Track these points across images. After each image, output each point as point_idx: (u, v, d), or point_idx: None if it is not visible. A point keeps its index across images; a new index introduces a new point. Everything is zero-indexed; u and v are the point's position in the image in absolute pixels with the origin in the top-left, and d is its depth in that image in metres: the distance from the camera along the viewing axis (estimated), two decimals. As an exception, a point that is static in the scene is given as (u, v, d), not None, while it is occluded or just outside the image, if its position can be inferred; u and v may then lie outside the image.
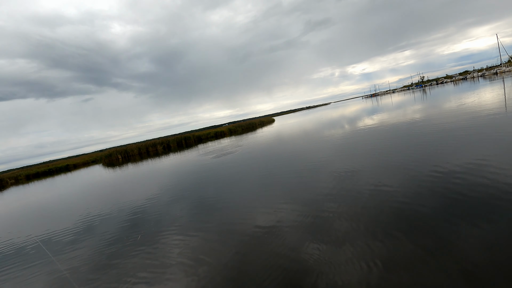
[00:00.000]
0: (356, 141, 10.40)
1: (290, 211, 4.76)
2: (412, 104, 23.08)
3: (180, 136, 41.48)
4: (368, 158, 7.29)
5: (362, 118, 20.04)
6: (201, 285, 3.11)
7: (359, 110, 33.05)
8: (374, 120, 16.63)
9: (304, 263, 3.12)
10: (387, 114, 18.86)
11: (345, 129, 15.24)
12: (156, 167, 16.62)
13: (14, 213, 11.17)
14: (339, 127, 16.79)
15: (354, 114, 26.62)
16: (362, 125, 15.02)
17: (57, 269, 4.37)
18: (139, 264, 3.91)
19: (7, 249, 5.96)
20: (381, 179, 5.35)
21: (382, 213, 3.95)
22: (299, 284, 2.77)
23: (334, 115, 33.77)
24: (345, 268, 2.86)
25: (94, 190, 12.61)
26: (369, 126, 14.03)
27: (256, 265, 3.29)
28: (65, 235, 6.13)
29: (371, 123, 15.25)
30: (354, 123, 17.26)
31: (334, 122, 22.40)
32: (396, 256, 2.89)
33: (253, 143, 18.06)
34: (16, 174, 37.42)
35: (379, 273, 2.68)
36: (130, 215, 6.58)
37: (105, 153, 38.32)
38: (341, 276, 2.75)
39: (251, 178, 7.95)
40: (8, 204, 14.41)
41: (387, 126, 12.34)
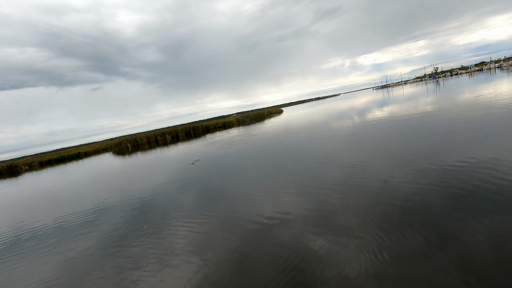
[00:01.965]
0: (365, 133, 10.27)
1: (297, 202, 4.78)
2: (424, 96, 22.55)
3: (189, 126, 41.72)
4: (376, 150, 7.21)
5: (372, 110, 19.71)
6: (205, 273, 3.19)
7: (369, 101, 32.49)
8: (384, 112, 16.35)
9: (310, 253, 3.15)
10: (398, 106, 18.50)
11: (354, 121, 15.05)
12: (164, 156, 16.83)
13: (29, 198, 11.54)
14: (348, 119, 16.58)
15: (363, 106, 26.20)
16: (372, 117, 14.79)
17: (65, 254, 4.53)
18: (143, 254, 4.01)
19: (22, 233, 6.19)
20: (389, 172, 5.30)
21: (389, 206, 3.93)
22: (304, 273, 2.80)
23: (343, 106, 33.31)
24: (350, 259, 2.88)
25: (104, 178, 12.88)
26: (379, 118, 13.81)
27: (261, 255, 3.34)
28: (74, 221, 6.32)
29: (381, 115, 15.00)
30: (363, 115, 17.01)
31: (343, 113, 22.12)
32: (403, 248, 2.89)
33: (260, 134, 18.04)
34: (30, 161, 38.47)
35: (385, 264, 2.70)
36: (138, 203, 6.72)
37: (115, 141, 38.94)
38: (346, 266, 2.78)
39: (257, 169, 7.98)
40: (23, 190, 14.89)
41: (398, 119, 12.12)
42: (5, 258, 4.89)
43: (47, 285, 3.66)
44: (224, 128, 37.97)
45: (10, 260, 4.76)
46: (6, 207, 10.51)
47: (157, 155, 18.62)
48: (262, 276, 2.92)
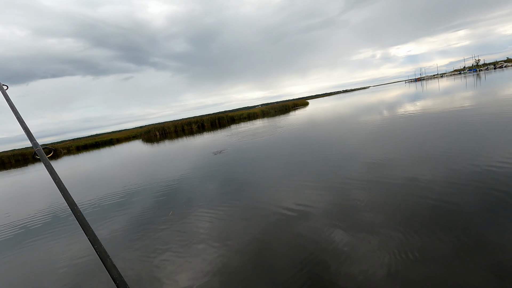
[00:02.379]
0: (394, 128, 9.84)
1: (319, 195, 4.72)
2: (462, 90, 21.06)
3: (214, 116, 42.35)
4: (405, 147, 6.89)
5: (403, 104, 18.77)
6: (226, 258, 3.27)
7: (400, 95, 30.96)
8: (416, 106, 15.51)
9: (330, 247, 3.11)
10: (431, 100, 17.46)
11: (383, 115, 14.44)
12: (190, 145, 17.30)
13: (67, 180, 12.44)
14: (376, 113, 15.93)
15: (394, 100, 25.01)
16: (402, 112, 14.10)
17: (98, 232, 4.85)
18: (168, 239, 4.18)
19: (60, 211, 6.70)
20: (419, 170, 5.05)
21: (416, 205, 3.76)
22: (323, 266, 2.78)
23: (372, 100, 32.02)
24: (372, 257, 2.81)
25: (134, 163, 13.52)
26: (410, 113, 13.14)
27: (281, 246, 3.35)
28: (107, 202, 6.71)
29: (413, 110, 14.25)
30: (393, 109, 16.26)
31: (371, 107, 21.28)
32: (429, 250, 2.77)
33: (285, 126, 17.90)
34: (68, 145, 41.23)
35: (411, 264, 2.60)
36: (165, 189, 6.99)
37: (144, 129, 40.55)
38: (369, 263, 2.71)
39: (280, 161, 7.96)
40: (61, 172, 16.08)
41: (431, 114, 11.46)
42: (46, 233, 5.33)
43: (81, 260, 3.96)
44: (249, 119, 38.10)
45: (50, 235, 5.19)
46: (47, 187, 11.42)
47: (183, 144, 19.17)
48: (281, 267, 2.94)
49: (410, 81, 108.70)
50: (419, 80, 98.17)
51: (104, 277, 3.37)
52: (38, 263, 4.15)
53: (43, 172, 17.55)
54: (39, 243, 4.89)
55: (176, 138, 25.21)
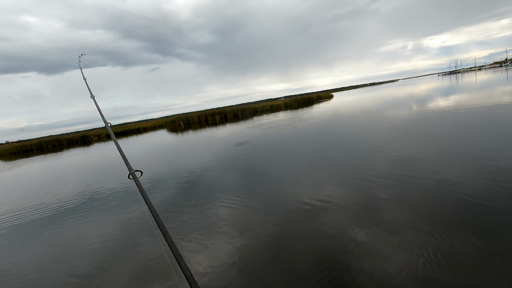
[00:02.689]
0: (423, 124, 9.38)
1: (340, 191, 4.65)
2: (502, 84, 19.55)
3: (237, 107, 42.58)
4: (434, 144, 6.56)
5: (434, 98, 17.77)
6: (245, 248, 3.33)
7: (432, 89, 29.31)
8: (448, 101, 14.64)
9: (348, 244, 3.07)
10: (466, 95, 16.38)
11: (411, 110, 13.77)
12: (212, 136, 17.58)
13: (97, 165, 13.18)
14: (404, 108, 15.23)
15: (425, 94, 23.73)
16: (433, 107, 13.37)
17: (125, 215, 5.11)
18: (189, 226, 4.32)
19: (91, 195, 7.13)
20: (446, 169, 4.80)
21: (443, 205, 3.59)
22: (342, 263, 2.76)
23: (401, 93, 30.60)
24: (394, 256, 2.73)
25: (160, 152, 14.00)
26: (441, 108, 12.44)
27: (298, 240, 3.36)
28: (133, 188, 7.02)
29: (444, 105, 13.47)
30: (423, 104, 15.46)
31: (400, 101, 20.35)
32: (454, 252, 2.65)
33: (308, 119, 17.64)
34: (99, 132, 43.40)
35: (432, 266, 2.51)
36: (188, 177, 7.19)
37: (169, 119, 41.71)
38: (390, 262, 2.65)
39: (301, 154, 7.90)
40: (93, 157, 17.04)
41: (464, 110, 10.77)
42: (78, 214, 5.70)
43: (109, 242, 4.20)
44: (271, 111, 37.93)
45: (81, 216, 5.54)
46: (80, 171, 12.16)
47: (206, 134, 19.53)
48: (299, 260, 2.95)
49: (444, 74, 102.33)
50: (453, 73, 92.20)
51: (129, 257, 3.58)
52: (72, 241, 4.47)
53: (76, 157, 18.67)
54: (73, 222, 5.25)
55: (200, 129, 25.72)
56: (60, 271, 3.58)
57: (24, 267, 3.86)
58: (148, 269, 3.26)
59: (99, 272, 3.39)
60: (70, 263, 3.75)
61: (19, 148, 36.28)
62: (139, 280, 3.08)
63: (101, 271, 3.41)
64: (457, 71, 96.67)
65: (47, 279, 3.44)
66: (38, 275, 3.57)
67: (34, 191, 9.17)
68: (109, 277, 3.24)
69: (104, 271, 3.38)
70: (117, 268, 3.41)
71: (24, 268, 3.82)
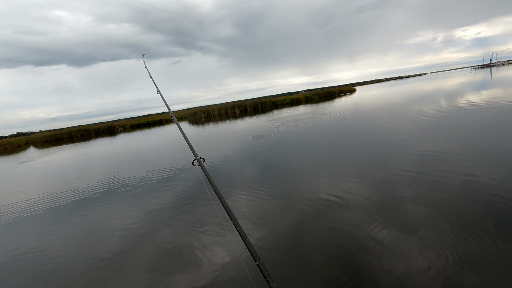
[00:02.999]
0: (451, 120, 8.92)
1: (360, 188, 4.56)
2: (543, 79, 18.09)
3: (257, 100, 42.53)
4: (464, 141, 6.24)
5: (465, 93, 16.79)
6: (260, 241, 3.37)
7: (463, 83, 27.70)
8: (481, 96, 13.78)
9: (364, 242, 3.02)
10: (501, 90, 15.34)
11: (439, 105, 13.12)
12: (233, 128, 17.74)
13: (123, 154, 13.74)
14: (431, 103, 14.53)
15: (455, 88, 22.48)
16: (463, 102, 12.66)
17: (147, 203, 5.32)
18: (207, 215, 4.42)
19: (116, 183, 7.46)
20: (476, 168, 4.56)
21: (470, 205, 3.43)
22: (359, 262, 2.72)
23: (429, 88, 29.16)
24: (412, 257, 2.66)
25: (180, 143, 14.32)
26: (473, 103, 11.75)
27: (315, 236, 3.35)
28: (156, 177, 7.27)
29: (476, 100, 12.70)
30: (452, 99, 14.67)
31: (427, 96, 19.42)
32: (480, 256, 2.53)
33: (328, 113, 17.31)
34: (124, 123, 45.06)
35: (456, 269, 2.42)
36: (207, 168, 7.32)
37: (191, 111, 42.46)
38: (406, 263, 2.58)
39: (321, 149, 7.80)
40: (118, 147, 17.76)
41: (498, 106, 10.12)
42: (104, 200, 6.00)
43: (132, 226, 4.41)
44: (292, 105, 37.55)
45: (107, 202, 5.83)
46: (107, 160, 12.74)
47: (226, 127, 19.73)
48: (316, 255, 2.95)
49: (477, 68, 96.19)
50: (488, 66, 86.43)
51: (152, 240, 3.74)
52: (99, 225, 4.73)
53: (103, 146, 19.54)
54: (101, 208, 5.54)
55: (220, 121, 26.00)
56: (88, 252, 3.81)
57: (55, 247, 4.14)
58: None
59: (124, 255, 3.57)
60: (98, 245, 3.98)
61: (51, 136, 38.48)
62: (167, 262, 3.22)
63: (125, 253, 3.59)
64: (492, 64, 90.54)
65: (76, 260, 3.68)
66: (68, 256, 3.82)
67: (66, 177, 9.74)
68: (131, 259, 3.41)
69: (129, 253, 3.56)
70: (144, 249, 3.58)
71: (55, 248, 4.11)
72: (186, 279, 2.89)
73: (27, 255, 4.04)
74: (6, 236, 4.94)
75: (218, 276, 2.84)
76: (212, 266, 3.03)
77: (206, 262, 3.13)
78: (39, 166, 14.04)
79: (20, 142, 37.54)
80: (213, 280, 2.79)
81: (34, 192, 7.85)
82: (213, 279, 2.81)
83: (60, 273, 3.44)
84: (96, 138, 29.54)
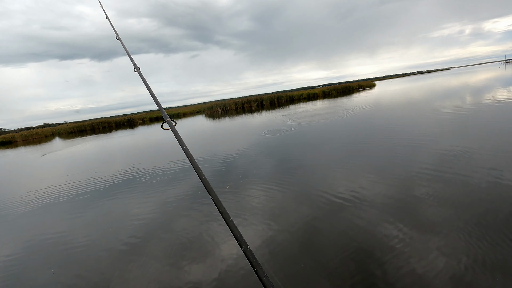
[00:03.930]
0: (478, 117, 8.51)
1: (375, 185, 4.47)
2: None
3: (273, 95, 42.31)
4: (491, 140, 5.95)
5: (494, 89, 15.92)
6: (274, 235, 3.40)
7: (491, 78, 26.25)
8: (510, 93, 13.05)
9: (380, 241, 2.97)
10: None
11: (465, 101, 12.53)
12: (249, 123, 17.78)
13: (142, 146, 14.15)
14: (456, 99, 13.90)
15: (482, 84, 21.36)
16: (491, 98, 12.02)
17: (163, 194, 5.47)
18: (225, 206, 4.49)
19: (135, 174, 7.70)
20: (503, 168, 4.36)
21: (494, 208, 3.29)
22: (374, 261, 2.69)
23: (454, 83, 27.87)
24: (429, 258, 2.59)
25: (198, 136, 14.55)
26: (501, 100, 11.14)
27: (330, 233, 3.33)
28: (172, 169, 7.45)
29: (506, 96, 12.03)
30: (479, 95, 13.95)
31: (452, 92, 18.58)
32: (502, 262, 2.44)
33: (347, 108, 16.97)
34: (143, 116, 46.20)
35: (472, 273, 2.34)
36: (224, 162, 7.42)
37: (208, 105, 42.92)
38: (421, 264, 2.52)
39: (338, 145, 7.69)
40: (138, 139, 18.29)
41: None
42: (124, 189, 6.23)
43: (148, 216, 4.56)
44: (309, 99, 37.09)
45: (127, 191, 6.05)
46: (127, 151, 13.16)
47: (242, 121, 19.80)
48: (328, 252, 2.94)
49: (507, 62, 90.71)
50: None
51: (169, 229, 3.86)
52: (117, 214, 4.93)
53: (124, 138, 20.18)
54: (119, 197, 5.76)
55: (236, 115, 26.13)
56: (108, 239, 3.99)
57: (78, 232, 4.36)
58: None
59: (141, 243, 3.71)
60: (119, 233, 4.15)
61: (75, 128, 40.16)
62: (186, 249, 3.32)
63: (143, 242, 3.73)
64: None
65: (93, 247, 3.86)
66: (89, 242, 4.01)
67: (90, 167, 10.17)
68: (148, 246, 3.54)
69: (147, 241, 3.70)
70: (161, 238, 3.71)
71: (78, 233, 4.32)
72: (200, 268, 2.97)
73: (52, 239, 4.29)
74: (34, 221, 5.25)
75: (230, 265, 2.90)
76: (223, 256, 3.09)
77: (217, 252, 3.20)
78: (67, 155, 14.71)
79: (47, 133, 39.45)
80: (224, 270, 2.85)
81: (61, 180, 8.26)
82: (226, 268, 2.87)
83: (81, 257, 3.62)
84: (117, 130, 30.51)
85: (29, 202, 6.46)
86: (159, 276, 2.95)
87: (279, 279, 2.61)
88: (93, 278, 3.12)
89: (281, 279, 2.61)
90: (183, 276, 2.88)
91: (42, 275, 3.36)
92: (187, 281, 2.80)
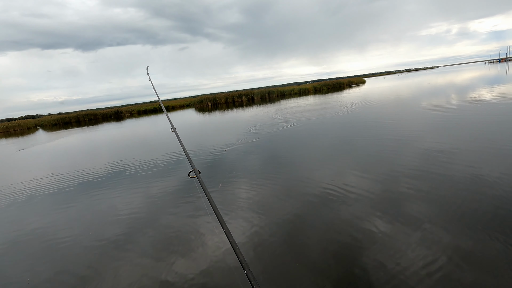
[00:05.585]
0: (461, 116, 8.73)
1: (361, 180, 4.53)
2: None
3: (264, 90, 42.19)
4: (473, 138, 6.11)
5: (478, 88, 16.35)
6: (259, 229, 3.40)
7: (476, 77, 26.97)
8: (493, 92, 13.42)
9: (365, 235, 3.01)
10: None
11: (450, 100, 12.83)
12: (239, 117, 17.69)
13: (128, 140, 13.89)
14: (442, 97, 14.22)
15: (467, 83, 21.91)
16: (475, 97, 12.34)
17: (149, 190, 5.39)
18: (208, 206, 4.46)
19: (121, 168, 7.56)
20: (483, 166, 4.48)
21: (473, 203, 3.38)
22: (357, 253, 2.73)
23: (440, 81, 28.49)
24: (411, 252, 2.65)
25: (187, 130, 14.38)
26: (485, 99, 11.45)
27: (315, 226, 3.36)
28: (160, 164, 7.34)
29: (489, 96, 12.37)
30: (463, 94, 14.31)
31: (438, 90, 19.00)
32: (479, 254, 2.50)
33: (335, 105, 17.11)
34: (131, 109, 45.28)
35: (450, 265, 2.41)
36: (212, 158, 7.37)
37: (197, 99, 42.40)
38: (404, 258, 2.57)
39: (326, 141, 7.75)
40: (125, 133, 17.93)
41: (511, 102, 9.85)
42: (109, 183, 6.10)
43: (134, 210, 4.49)
44: (300, 95, 37.18)
45: (112, 186, 5.93)
46: (113, 145, 12.89)
47: (232, 115, 19.70)
48: (313, 245, 2.97)
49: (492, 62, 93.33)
50: (503, 60, 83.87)
51: (153, 225, 3.81)
52: (103, 208, 4.82)
53: (111, 131, 19.75)
54: (105, 191, 5.64)
55: (226, 110, 25.96)
56: (89, 234, 3.91)
57: (61, 227, 4.25)
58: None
59: (126, 238, 3.65)
60: (100, 228, 4.07)
61: (59, 120, 38.97)
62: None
63: (128, 237, 3.67)
64: (508, 58, 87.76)
65: (78, 241, 3.77)
66: (72, 237, 3.91)
67: (74, 160, 9.91)
68: (131, 242, 3.49)
69: (133, 238, 3.64)
70: (145, 233, 3.66)
71: (60, 228, 4.21)
72: (184, 263, 2.95)
73: (34, 233, 4.17)
74: (15, 214, 5.08)
75: (215, 261, 2.89)
76: (208, 253, 3.08)
77: (202, 249, 3.18)
78: (49, 149, 14.29)
79: (30, 124, 38.18)
80: (210, 265, 2.83)
81: (43, 173, 8.02)
82: (210, 264, 2.85)
83: (63, 251, 3.54)
84: (103, 123, 29.83)
85: (11, 195, 6.25)
86: (145, 269, 2.91)
87: (264, 273, 2.62)
88: (79, 272, 3.05)
89: (265, 273, 2.61)
90: (170, 270, 2.85)
91: (22, 271, 3.26)
92: (175, 274, 2.77)
